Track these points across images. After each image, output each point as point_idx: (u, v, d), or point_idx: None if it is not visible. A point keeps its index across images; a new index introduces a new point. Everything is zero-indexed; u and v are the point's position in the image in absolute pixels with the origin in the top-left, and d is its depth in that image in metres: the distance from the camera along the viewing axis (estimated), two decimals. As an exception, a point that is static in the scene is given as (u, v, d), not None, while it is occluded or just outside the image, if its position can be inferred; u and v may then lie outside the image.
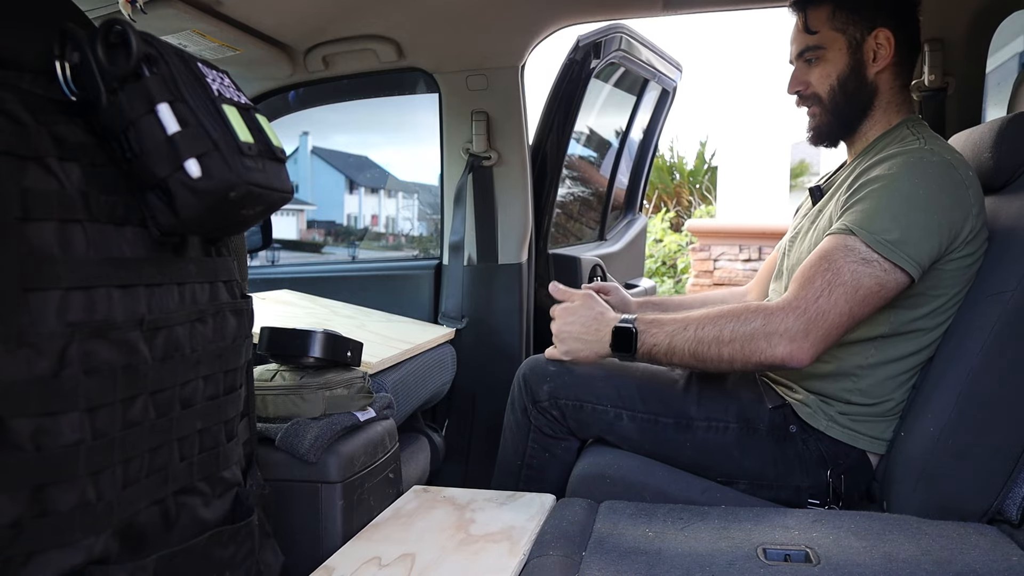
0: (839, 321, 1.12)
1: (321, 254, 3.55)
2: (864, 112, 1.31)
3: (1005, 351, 1.10)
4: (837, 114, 1.31)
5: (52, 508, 0.60)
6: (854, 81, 1.29)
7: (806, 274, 1.14)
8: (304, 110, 2.24)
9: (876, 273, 1.11)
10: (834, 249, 1.14)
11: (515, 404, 1.39)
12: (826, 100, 1.30)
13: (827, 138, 1.34)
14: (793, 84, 1.33)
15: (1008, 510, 1.10)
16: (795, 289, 1.15)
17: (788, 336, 1.11)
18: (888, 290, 1.13)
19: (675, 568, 0.95)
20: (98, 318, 0.63)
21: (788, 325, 1.11)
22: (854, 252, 1.12)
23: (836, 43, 1.28)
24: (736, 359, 1.15)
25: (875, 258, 1.11)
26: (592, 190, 2.78)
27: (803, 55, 1.31)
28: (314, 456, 1.11)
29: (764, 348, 1.12)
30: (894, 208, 1.14)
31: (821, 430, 1.25)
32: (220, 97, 0.72)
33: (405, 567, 1.00)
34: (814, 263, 1.15)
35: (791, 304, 1.13)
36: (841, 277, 1.11)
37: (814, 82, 1.30)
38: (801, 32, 1.30)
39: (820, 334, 1.11)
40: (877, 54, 1.27)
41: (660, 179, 8.04)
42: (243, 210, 0.74)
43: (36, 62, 0.65)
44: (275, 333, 1.26)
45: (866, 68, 1.28)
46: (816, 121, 1.33)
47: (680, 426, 1.29)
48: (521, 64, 1.93)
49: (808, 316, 1.11)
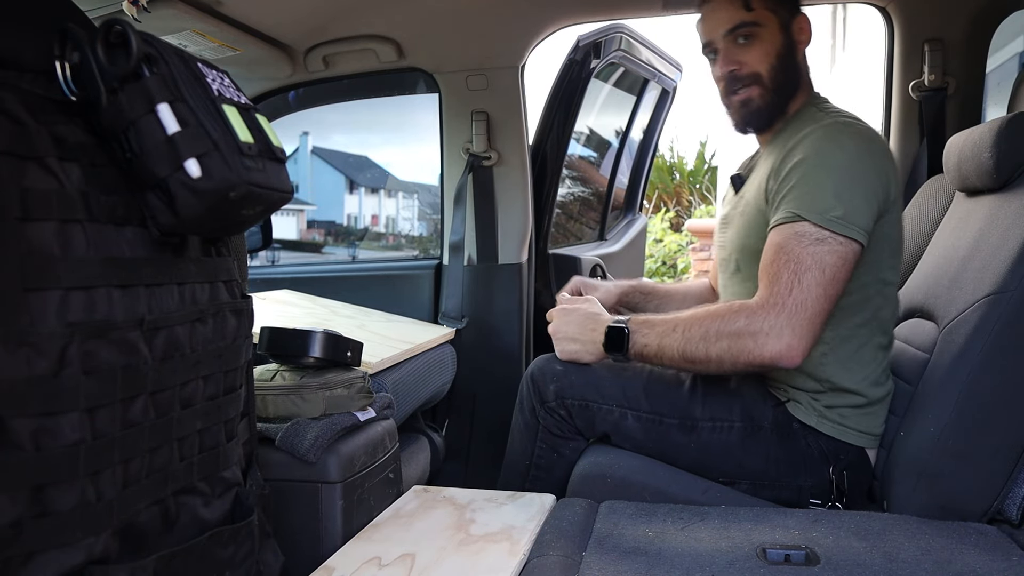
0: (818, 307, 1.13)
1: (321, 254, 3.55)
2: (794, 93, 1.33)
3: (1005, 351, 1.10)
4: (778, 92, 1.31)
5: (52, 508, 0.60)
6: (789, 60, 1.31)
7: (770, 271, 1.16)
8: (304, 110, 2.24)
9: (834, 249, 1.14)
10: (787, 239, 1.16)
11: (524, 404, 1.39)
12: (767, 79, 1.30)
13: (763, 120, 1.33)
14: (726, 63, 1.30)
15: (1008, 510, 1.10)
16: (765, 287, 1.16)
17: (774, 334, 1.12)
18: (849, 262, 1.15)
19: (675, 568, 0.95)
20: (98, 318, 0.63)
21: (771, 323, 1.13)
22: (807, 236, 1.14)
23: (771, 22, 1.29)
24: (724, 359, 1.16)
25: (827, 236, 1.14)
26: (592, 190, 2.78)
27: (736, 31, 1.29)
28: (314, 456, 1.11)
29: (752, 348, 1.13)
30: (831, 184, 1.16)
31: (813, 426, 1.26)
32: (220, 97, 0.72)
33: (405, 567, 1.00)
34: (773, 258, 1.16)
35: (768, 302, 1.14)
36: (804, 263, 1.13)
37: (752, 61, 1.29)
38: (738, 10, 1.29)
39: (805, 326, 1.12)
40: (800, 37, 1.32)
41: (660, 179, 8.04)
42: (243, 210, 0.74)
43: (36, 62, 0.65)
44: (275, 333, 1.26)
45: (796, 49, 1.32)
46: (756, 103, 1.31)
47: (685, 427, 1.29)
48: (521, 64, 1.93)
49: (788, 310, 1.12)
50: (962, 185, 1.40)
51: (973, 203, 1.36)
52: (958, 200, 1.46)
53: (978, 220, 1.29)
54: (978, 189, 1.34)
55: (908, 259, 1.53)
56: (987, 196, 1.31)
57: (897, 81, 1.82)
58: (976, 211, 1.32)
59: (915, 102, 1.78)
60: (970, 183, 1.35)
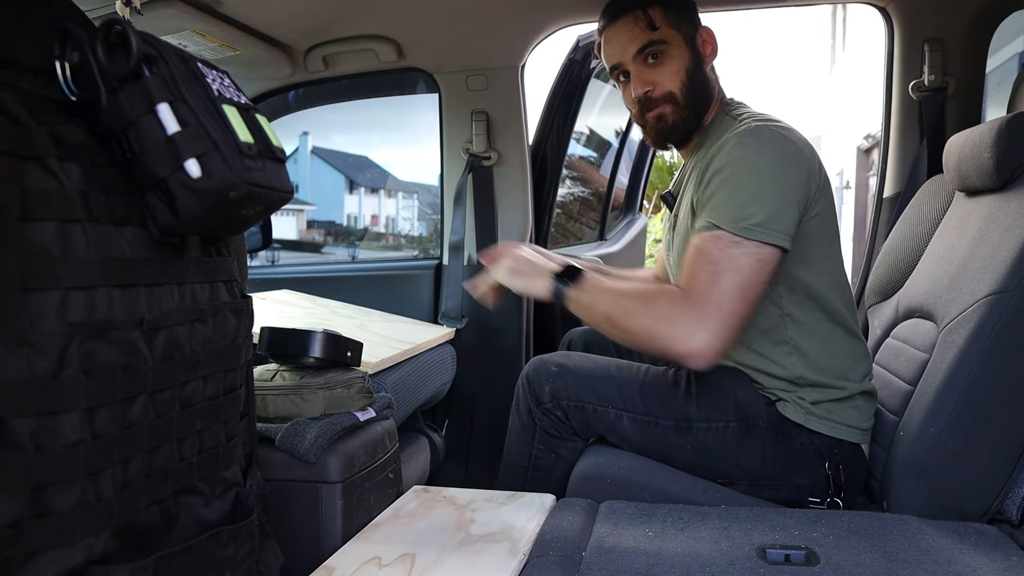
0: (734, 308, 1.14)
1: (321, 254, 3.55)
2: (707, 106, 1.35)
3: (1005, 351, 1.11)
4: (692, 108, 1.34)
5: (52, 508, 0.60)
6: (699, 75, 1.33)
7: (688, 273, 1.18)
8: (304, 110, 2.24)
9: (750, 251, 1.15)
10: (704, 242, 1.18)
11: (520, 405, 1.39)
12: (680, 96, 1.32)
13: (679, 134, 1.36)
14: (639, 85, 1.33)
15: (1008, 510, 1.10)
16: (685, 282, 1.18)
17: (689, 332, 1.13)
18: (767, 264, 1.16)
19: (675, 568, 0.95)
20: (98, 318, 0.63)
21: (688, 319, 1.13)
22: (723, 239, 1.16)
23: (675, 39, 1.32)
24: (641, 337, 1.18)
25: (743, 241, 1.15)
26: (592, 190, 2.78)
27: (644, 51, 1.31)
28: (314, 456, 1.11)
29: (666, 337, 1.14)
30: (747, 191, 1.18)
31: (802, 424, 1.26)
32: (220, 97, 0.72)
33: (405, 567, 1.00)
34: (692, 261, 1.18)
35: (689, 298, 1.15)
36: (720, 265, 1.15)
37: (664, 80, 1.32)
38: (643, 30, 1.31)
39: (720, 327, 1.13)
40: (705, 50, 1.34)
41: (660, 179, 8.04)
42: (243, 210, 0.74)
43: (36, 62, 0.65)
44: (275, 333, 1.26)
45: (703, 62, 1.35)
46: (671, 119, 1.34)
47: (680, 428, 1.29)
48: (521, 64, 1.93)
49: (703, 310, 1.13)
50: (962, 185, 1.40)
51: (973, 203, 1.37)
52: (958, 200, 1.46)
53: (978, 220, 1.29)
54: (978, 189, 1.34)
55: (908, 259, 1.54)
56: (987, 196, 1.31)
57: (897, 81, 1.82)
58: (976, 211, 1.32)
59: (915, 102, 1.78)
60: (970, 183, 1.35)
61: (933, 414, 1.15)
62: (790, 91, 30.69)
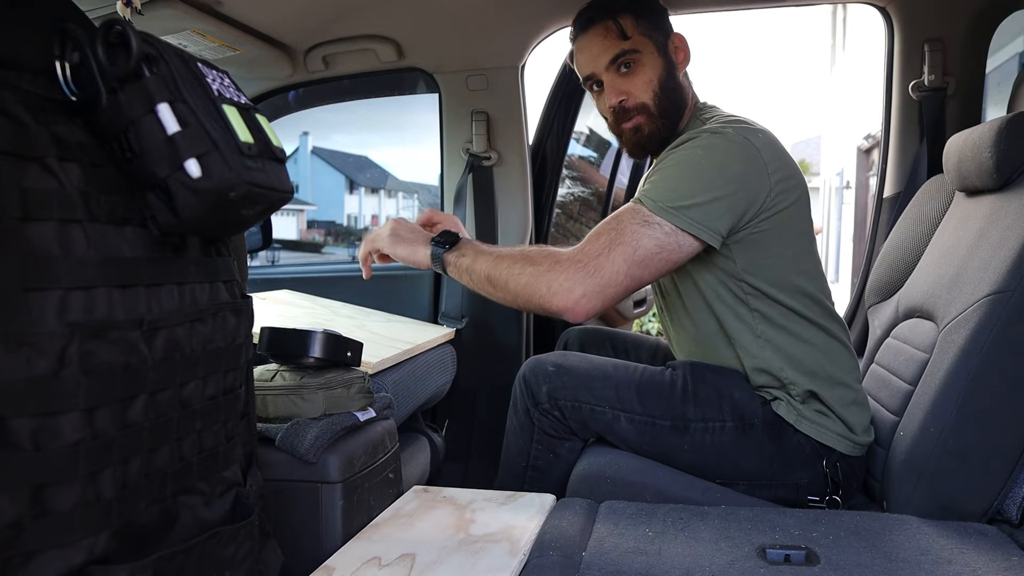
0: (615, 279, 1.15)
1: (321, 254, 3.55)
2: (681, 114, 1.35)
3: (1005, 351, 1.11)
4: (666, 117, 1.33)
5: (52, 508, 0.60)
6: (671, 83, 1.33)
7: (595, 231, 1.19)
8: (304, 110, 2.24)
9: (656, 235, 1.16)
10: (622, 212, 1.19)
11: (517, 406, 1.39)
12: (653, 106, 1.32)
13: (655, 144, 1.36)
14: (613, 95, 1.33)
15: (1008, 510, 1.10)
16: (582, 244, 1.19)
17: (566, 288, 1.15)
18: (670, 252, 1.17)
19: (675, 568, 0.95)
20: (98, 318, 0.63)
21: (567, 276, 1.15)
22: (639, 215, 1.17)
23: (647, 47, 1.32)
24: (520, 295, 1.19)
25: (657, 221, 1.16)
26: (592, 190, 2.78)
27: (617, 61, 1.31)
28: (314, 456, 1.12)
29: (544, 293, 1.16)
30: (685, 179, 1.19)
31: (792, 424, 1.27)
32: (220, 97, 0.72)
33: (405, 567, 1.00)
34: (604, 223, 1.20)
35: (574, 257, 1.17)
36: (623, 237, 1.16)
37: (636, 91, 1.32)
38: (615, 40, 1.31)
39: (595, 290, 1.15)
40: (677, 57, 1.34)
41: (660, 179, 8.02)
42: (243, 210, 0.74)
43: (36, 62, 0.65)
44: (275, 333, 1.26)
45: (676, 69, 1.34)
46: (647, 129, 1.34)
47: (677, 428, 1.29)
48: (521, 64, 1.93)
49: (587, 271, 1.15)
50: (962, 185, 1.40)
51: (973, 203, 1.37)
52: (958, 200, 1.46)
53: (978, 220, 1.29)
54: (978, 189, 1.35)
55: (908, 259, 1.54)
56: (987, 196, 1.31)
57: (897, 81, 1.82)
58: (976, 211, 1.32)
59: (915, 102, 1.78)
60: (970, 183, 1.35)
61: (933, 414, 1.15)
62: (790, 91, 30.62)
